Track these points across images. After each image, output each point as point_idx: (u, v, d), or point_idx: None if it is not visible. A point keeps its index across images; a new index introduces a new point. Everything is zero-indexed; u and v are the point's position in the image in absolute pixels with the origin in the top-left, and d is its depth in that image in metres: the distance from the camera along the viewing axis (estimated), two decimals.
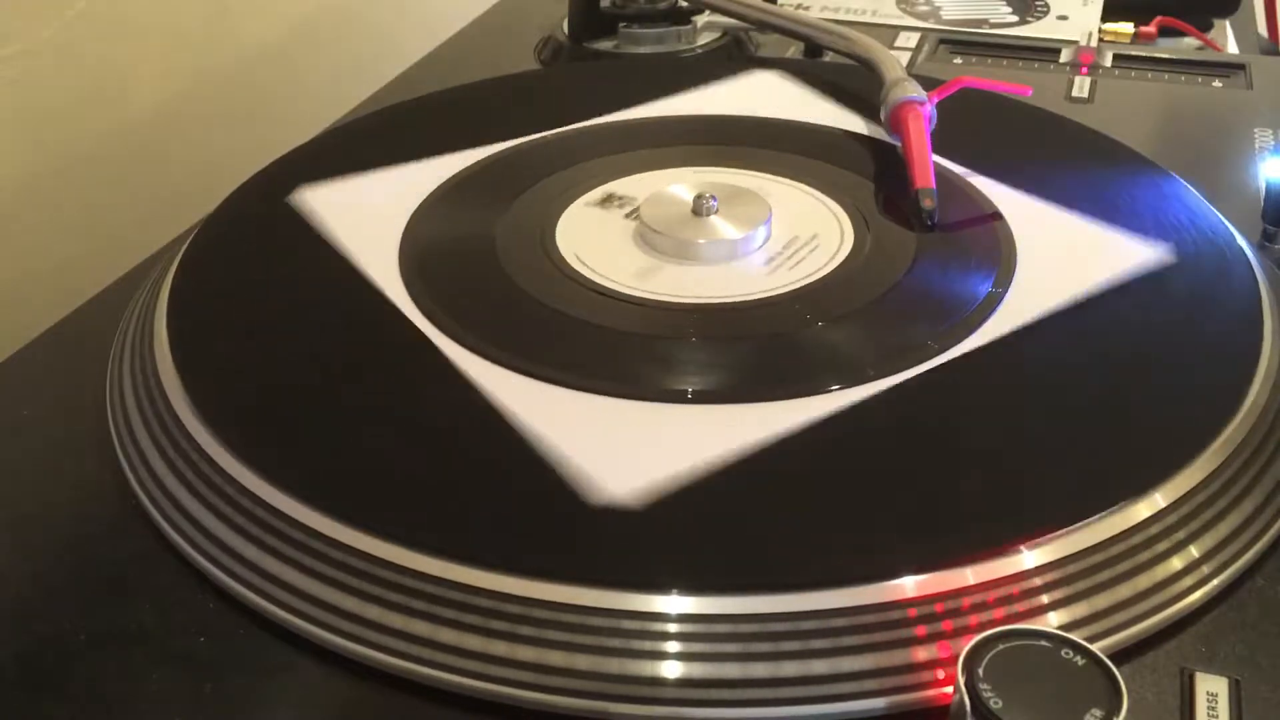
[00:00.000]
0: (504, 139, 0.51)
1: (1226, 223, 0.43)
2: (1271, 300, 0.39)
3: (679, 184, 0.45)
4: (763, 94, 0.56)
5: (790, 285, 0.40)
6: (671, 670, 0.27)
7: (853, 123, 0.53)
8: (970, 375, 0.36)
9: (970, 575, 0.29)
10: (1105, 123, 0.53)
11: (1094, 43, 0.68)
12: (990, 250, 0.42)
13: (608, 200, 0.42)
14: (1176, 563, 0.30)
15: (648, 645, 0.28)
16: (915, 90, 0.50)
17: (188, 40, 0.66)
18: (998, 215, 0.44)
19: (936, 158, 0.47)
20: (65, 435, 0.38)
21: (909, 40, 0.68)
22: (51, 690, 0.29)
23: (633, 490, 0.31)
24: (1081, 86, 0.61)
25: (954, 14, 0.73)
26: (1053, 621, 0.28)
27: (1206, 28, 0.78)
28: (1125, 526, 0.30)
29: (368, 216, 0.45)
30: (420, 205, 0.46)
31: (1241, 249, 0.42)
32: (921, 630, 0.28)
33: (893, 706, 0.27)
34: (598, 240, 0.43)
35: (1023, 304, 0.39)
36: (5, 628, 0.31)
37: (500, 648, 0.28)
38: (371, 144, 0.52)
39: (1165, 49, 0.70)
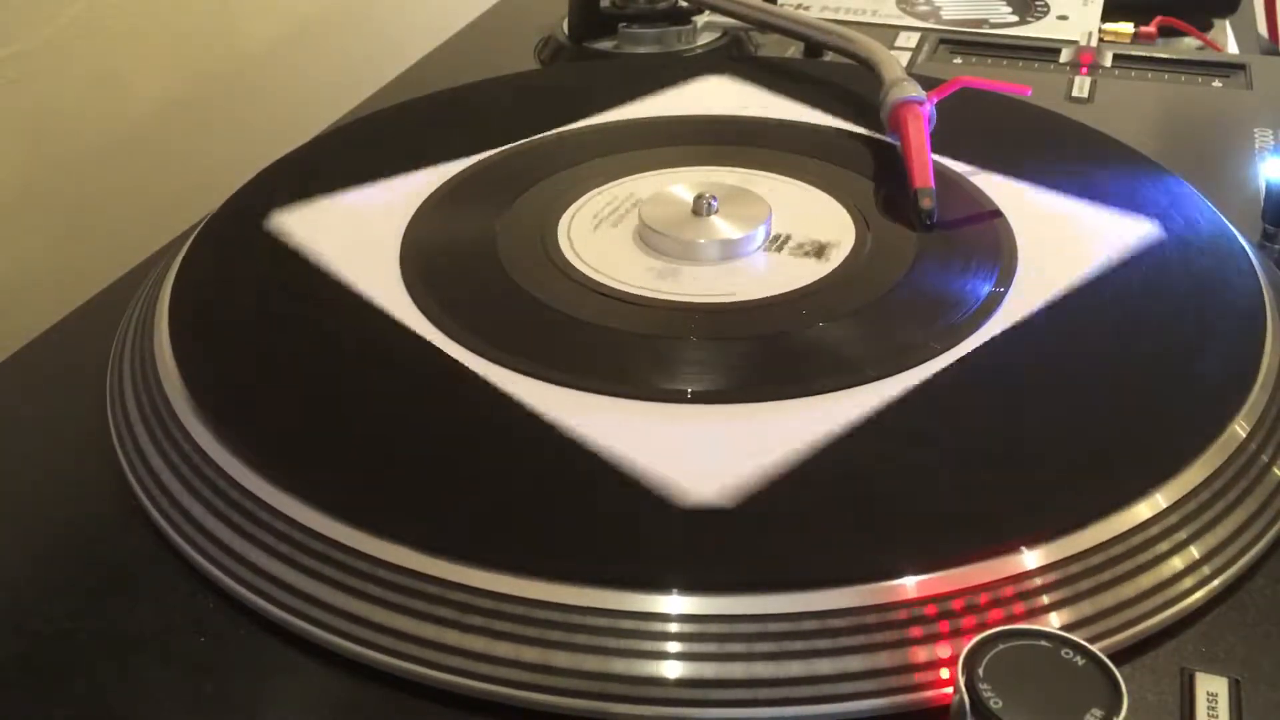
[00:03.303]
0: (503, 140, 0.51)
1: (1227, 223, 0.43)
2: (1272, 300, 0.39)
3: (679, 184, 0.45)
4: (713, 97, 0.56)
5: (790, 285, 0.40)
6: (671, 670, 0.27)
7: (852, 122, 0.53)
8: (970, 375, 0.36)
9: (971, 575, 0.29)
10: (1105, 123, 0.53)
11: (1094, 43, 0.68)
12: (991, 250, 0.42)
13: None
14: (1177, 563, 0.30)
15: (648, 645, 0.28)
16: (914, 90, 0.50)
17: (188, 40, 0.66)
18: (998, 214, 0.44)
19: (936, 157, 0.47)
20: (65, 435, 0.38)
21: (909, 40, 0.68)
22: (51, 690, 0.29)
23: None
24: (1081, 86, 0.61)
25: (954, 14, 0.73)
26: (1053, 621, 0.28)
27: (1206, 28, 0.78)
28: (1126, 527, 0.30)
29: (369, 217, 0.45)
30: (421, 206, 0.46)
31: (1242, 249, 0.42)
32: (921, 630, 0.28)
33: (893, 707, 0.27)
34: (599, 240, 0.43)
35: (1024, 304, 0.39)
36: (5, 628, 0.31)
37: (500, 648, 0.28)
38: (373, 144, 0.52)
39: (1165, 49, 0.70)
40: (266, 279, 0.42)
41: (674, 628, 0.28)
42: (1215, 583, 0.30)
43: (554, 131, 0.52)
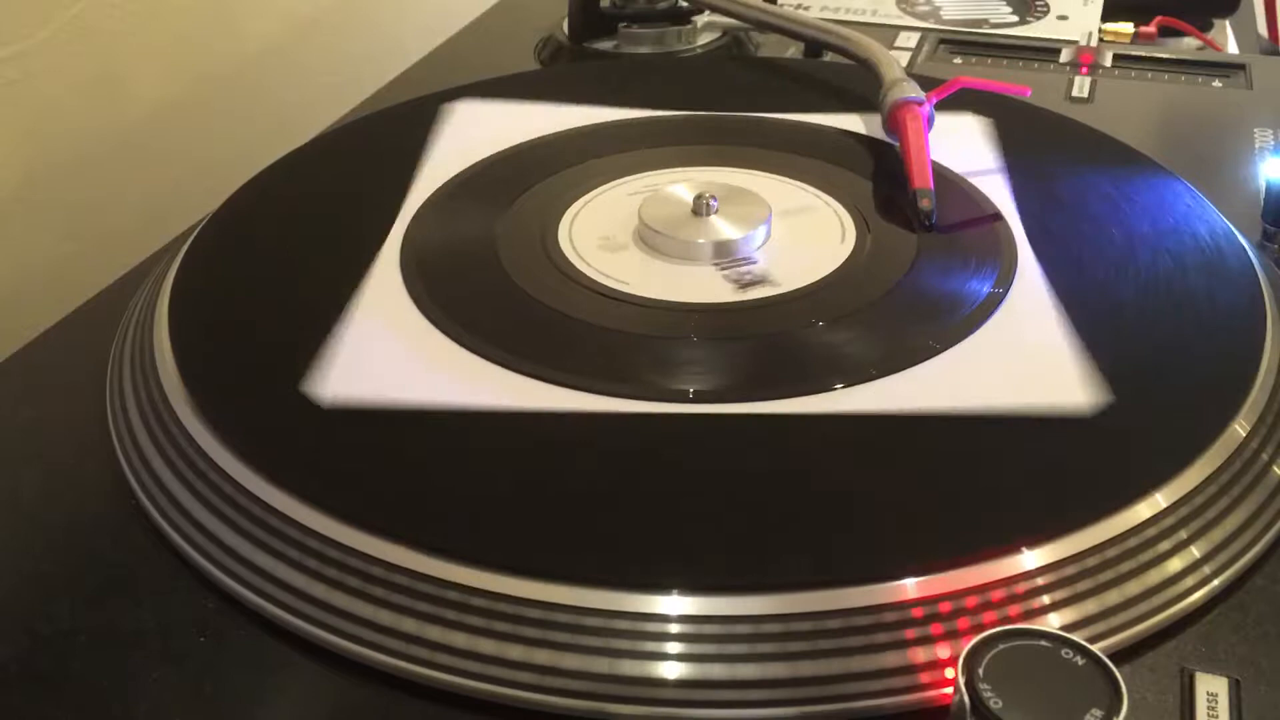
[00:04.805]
0: (503, 139, 0.51)
1: (1227, 223, 0.43)
2: (1272, 300, 0.39)
3: (679, 184, 0.45)
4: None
5: (790, 285, 0.40)
6: (671, 670, 0.27)
7: (852, 123, 0.53)
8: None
9: (970, 575, 0.29)
10: (1105, 123, 0.53)
11: (1094, 43, 0.68)
12: (990, 250, 0.42)
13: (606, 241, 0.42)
14: (1177, 563, 0.30)
15: (648, 645, 0.28)
16: (913, 91, 0.50)
17: (188, 40, 0.66)
18: (997, 215, 0.44)
19: (935, 157, 0.47)
20: (65, 435, 0.38)
21: (909, 40, 0.68)
22: (51, 690, 0.29)
23: None
24: (1081, 86, 0.61)
25: (954, 14, 0.73)
26: (1053, 621, 0.28)
27: (1206, 28, 0.78)
28: (1126, 526, 0.30)
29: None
30: (421, 206, 0.46)
31: (1242, 249, 0.42)
32: (921, 631, 0.28)
33: (893, 707, 0.27)
34: (599, 241, 0.43)
35: (1023, 305, 0.39)
36: (5, 628, 0.31)
37: (500, 648, 0.28)
38: (372, 144, 0.52)
39: (1165, 49, 0.70)
40: (266, 279, 0.42)
41: (674, 628, 0.28)
42: (1215, 583, 0.30)
43: (554, 131, 0.52)
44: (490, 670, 0.28)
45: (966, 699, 0.25)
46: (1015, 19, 0.72)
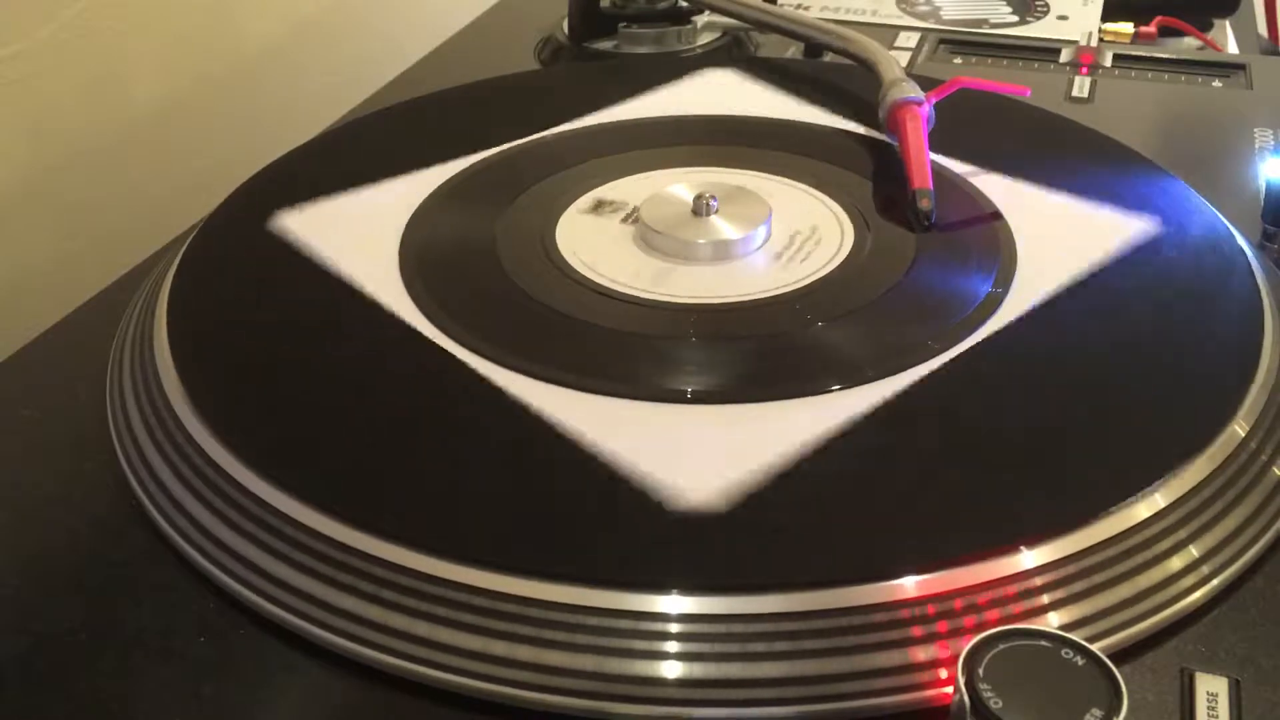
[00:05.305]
0: (504, 139, 0.51)
1: (1227, 223, 0.43)
2: (1271, 300, 0.39)
3: (679, 184, 0.45)
4: (718, 93, 0.56)
5: (790, 285, 0.40)
6: (671, 670, 0.27)
7: (851, 123, 0.53)
8: (969, 376, 0.36)
9: (970, 575, 0.29)
10: (1105, 123, 0.53)
11: (1094, 43, 0.68)
12: (990, 250, 0.42)
13: (599, 206, 0.42)
14: (1176, 563, 0.30)
15: (648, 645, 0.28)
16: (913, 91, 0.50)
17: (188, 40, 0.66)
18: (997, 215, 0.44)
19: (935, 157, 0.47)
20: (65, 435, 0.38)
21: (909, 40, 0.68)
22: (51, 690, 0.29)
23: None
24: (1081, 86, 0.61)
25: (954, 14, 0.73)
26: (1053, 621, 0.29)
27: (1206, 28, 0.78)
28: (1125, 526, 0.30)
29: (368, 217, 0.45)
30: (420, 206, 0.46)
31: (1242, 249, 0.42)
32: (921, 630, 0.28)
33: (893, 706, 0.27)
34: (598, 241, 0.43)
35: (1023, 305, 0.39)
36: (5, 628, 0.31)
37: (500, 648, 0.28)
38: (372, 144, 0.52)
39: (1165, 49, 0.70)
40: (266, 279, 0.42)
41: (674, 628, 0.28)
42: (1215, 582, 0.30)
43: (554, 131, 0.52)
44: (490, 670, 0.28)
45: (966, 699, 0.25)
46: (1015, 19, 0.72)
